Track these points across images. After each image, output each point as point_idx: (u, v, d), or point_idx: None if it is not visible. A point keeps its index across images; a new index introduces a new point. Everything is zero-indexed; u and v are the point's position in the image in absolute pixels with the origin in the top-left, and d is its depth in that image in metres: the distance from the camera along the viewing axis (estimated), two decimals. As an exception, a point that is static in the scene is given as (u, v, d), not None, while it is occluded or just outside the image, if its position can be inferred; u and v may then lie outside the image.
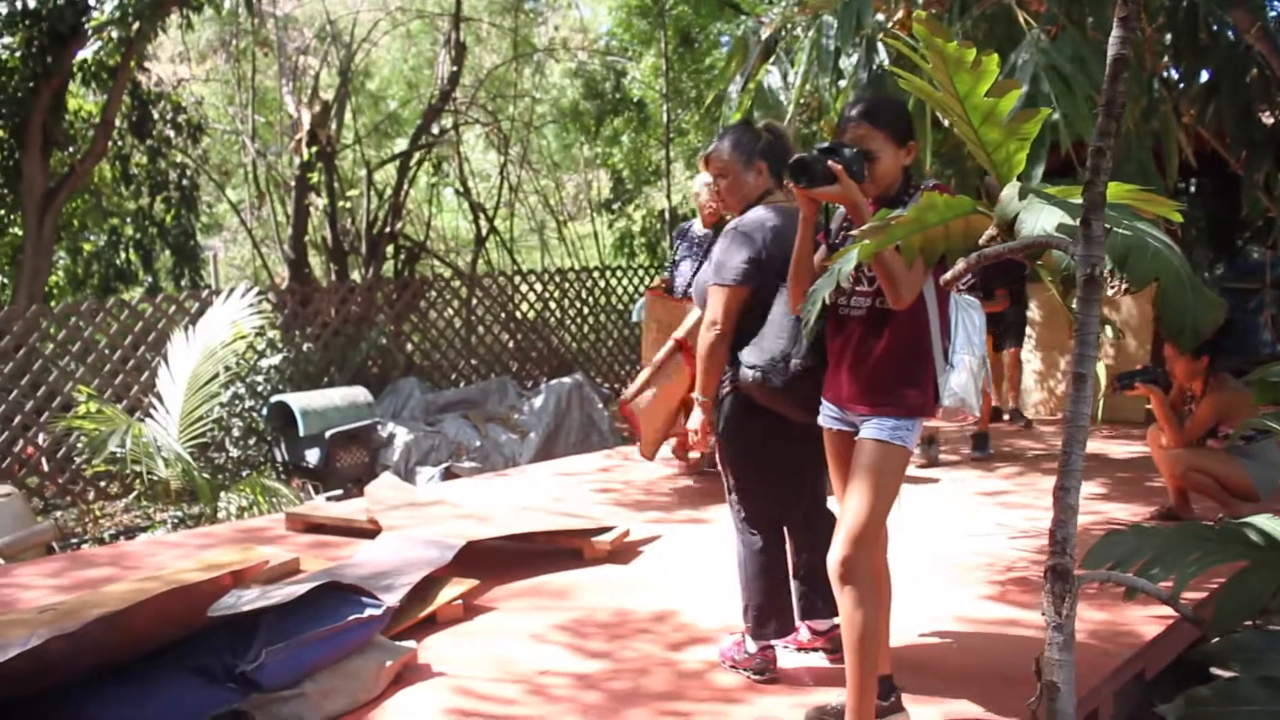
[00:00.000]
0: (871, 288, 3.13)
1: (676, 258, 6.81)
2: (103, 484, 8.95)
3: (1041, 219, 2.30)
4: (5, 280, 12.85)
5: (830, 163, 2.94)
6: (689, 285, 6.33)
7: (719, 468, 4.00)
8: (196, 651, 3.54)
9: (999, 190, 2.54)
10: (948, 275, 2.49)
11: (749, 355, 3.54)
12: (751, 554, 3.80)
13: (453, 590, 4.62)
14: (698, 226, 6.68)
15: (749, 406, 3.66)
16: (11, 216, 12.57)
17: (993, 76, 2.41)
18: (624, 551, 5.48)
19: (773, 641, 3.87)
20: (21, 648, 3.18)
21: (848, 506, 3.13)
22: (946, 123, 4.58)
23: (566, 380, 10.70)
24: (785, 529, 3.89)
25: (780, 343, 3.46)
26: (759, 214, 3.71)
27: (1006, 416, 9.01)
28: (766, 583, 3.80)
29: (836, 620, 3.92)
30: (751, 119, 4.52)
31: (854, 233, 2.74)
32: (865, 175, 3.03)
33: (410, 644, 4.03)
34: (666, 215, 16.28)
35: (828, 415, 3.35)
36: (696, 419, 3.84)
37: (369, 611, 3.86)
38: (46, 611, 4.42)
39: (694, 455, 7.15)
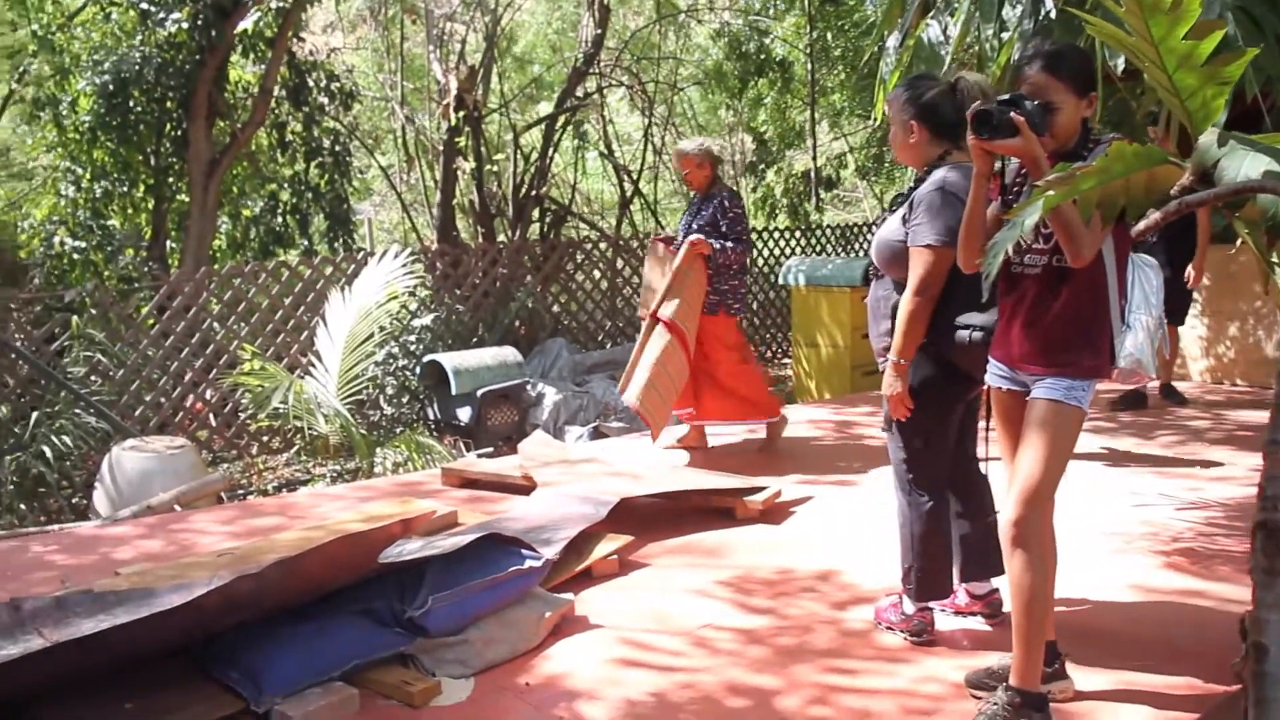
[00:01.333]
0: (1048, 245, 3.01)
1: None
2: (265, 439, 9.30)
3: (1246, 165, 2.17)
4: (173, 245, 13.39)
5: (1012, 115, 2.83)
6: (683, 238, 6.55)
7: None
8: (366, 597, 3.65)
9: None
10: (1140, 225, 2.38)
11: (971, 317, 3.45)
12: (918, 516, 3.73)
13: (608, 546, 4.66)
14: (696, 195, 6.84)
15: (938, 368, 3.58)
16: (179, 184, 13.09)
17: (1193, 18, 2.28)
18: (776, 511, 5.44)
19: (930, 604, 3.81)
20: (207, 586, 3.33)
21: (1020, 467, 3.04)
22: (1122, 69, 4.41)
23: (713, 342, 10.65)
24: (949, 491, 3.81)
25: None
26: (954, 176, 3.57)
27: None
28: (930, 545, 3.72)
29: (995, 584, 3.86)
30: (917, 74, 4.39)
31: (1037, 184, 2.62)
32: (1046, 128, 2.92)
33: (568, 596, 4.08)
34: (812, 176, 16.08)
35: (996, 374, 3.25)
36: (889, 384, 3.70)
37: (529, 563, 3.92)
38: (224, 555, 4.61)
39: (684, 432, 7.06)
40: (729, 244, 6.42)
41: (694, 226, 6.49)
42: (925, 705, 3.30)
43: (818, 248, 13.95)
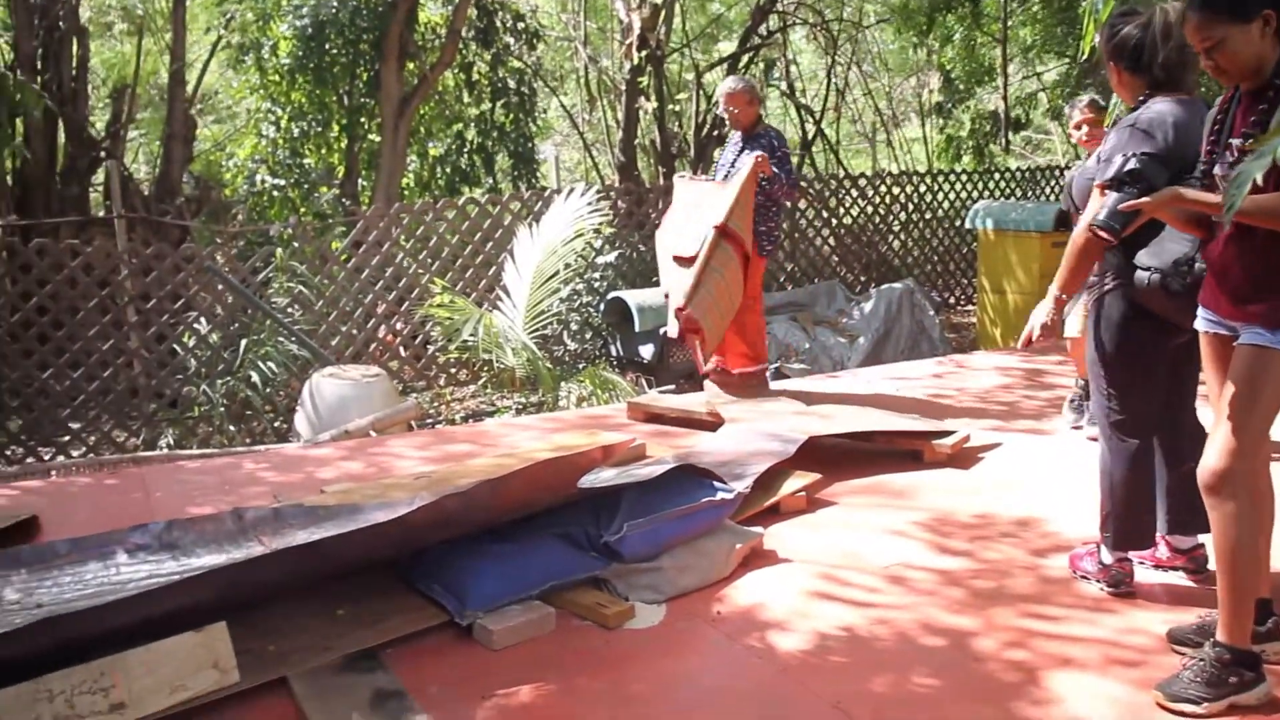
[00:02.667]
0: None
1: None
2: (453, 370, 9.58)
3: None
4: (364, 183, 13.83)
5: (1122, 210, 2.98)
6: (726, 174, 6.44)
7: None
8: (564, 521, 3.74)
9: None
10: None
11: (1146, 257, 3.30)
12: (1119, 460, 3.59)
13: (796, 482, 4.65)
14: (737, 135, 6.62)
15: (1134, 309, 3.44)
16: (370, 124, 13.49)
17: None
18: (964, 456, 5.33)
19: (1129, 555, 3.67)
20: (411, 505, 3.47)
21: (1222, 415, 2.88)
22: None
23: (897, 286, 10.46)
24: (1155, 439, 3.65)
25: (1183, 246, 3.21)
26: (1160, 107, 3.40)
27: None
28: (1130, 492, 3.58)
29: (1200, 540, 3.68)
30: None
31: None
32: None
33: (758, 530, 4.09)
34: (1001, 116, 15.52)
35: (1205, 319, 3.09)
36: (1044, 312, 3.58)
37: (720, 495, 3.95)
38: (421, 478, 4.80)
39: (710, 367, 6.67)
40: (783, 176, 6.25)
41: (739, 166, 6.29)
42: (1130, 656, 3.20)
43: (1005, 192, 13.49)
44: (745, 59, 14.67)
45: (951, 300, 13.25)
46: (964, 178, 13.42)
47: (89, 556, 3.69)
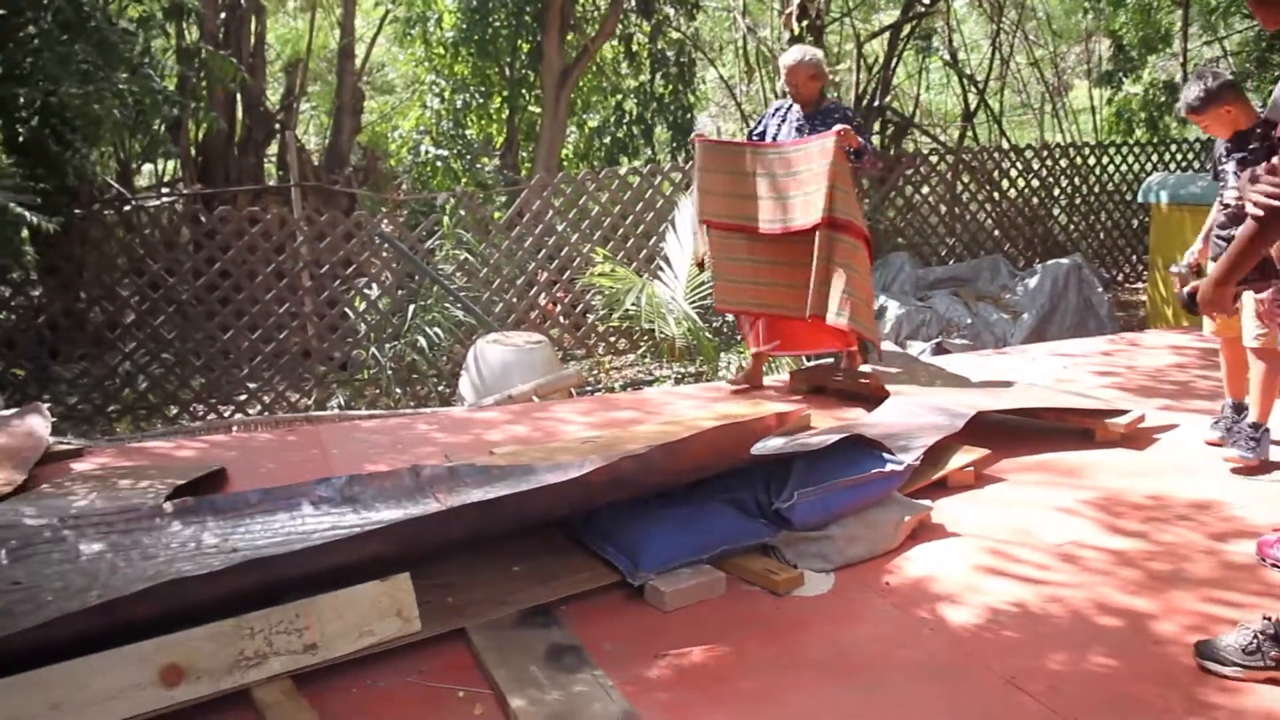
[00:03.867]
0: None
1: (765, 131, 6.15)
2: (612, 339, 9.68)
3: None
4: (524, 153, 14.06)
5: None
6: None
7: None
8: (735, 487, 3.76)
9: None
10: None
11: None
12: None
13: (964, 457, 4.57)
14: (797, 109, 6.02)
15: None
16: (530, 95, 13.69)
17: None
18: (1138, 437, 5.15)
19: (1326, 545, 3.52)
20: (581, 468, 3.53)
21: None
22: None
23: (1064, 261, 10.14)
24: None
25: None
26: None
27: None
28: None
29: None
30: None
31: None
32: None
33: (926, 503, 4.04)
34: (1179, 81, 14.82)
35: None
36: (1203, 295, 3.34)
37: (890, 467, 3.91)
38: (587, 443, 4.88)
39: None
40: (869, 147, 5.88)
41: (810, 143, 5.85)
42: (1324, 647, 3.07)
43: (1181, 164, 12.92)
44: (907, 28, 14.35)
45: (1119, 277, 12.79)
46: (1135, 149, 12.90)
47: (277, 507, 3.87)
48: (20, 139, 5.36)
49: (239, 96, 13.08)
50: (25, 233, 6.67)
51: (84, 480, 4.60)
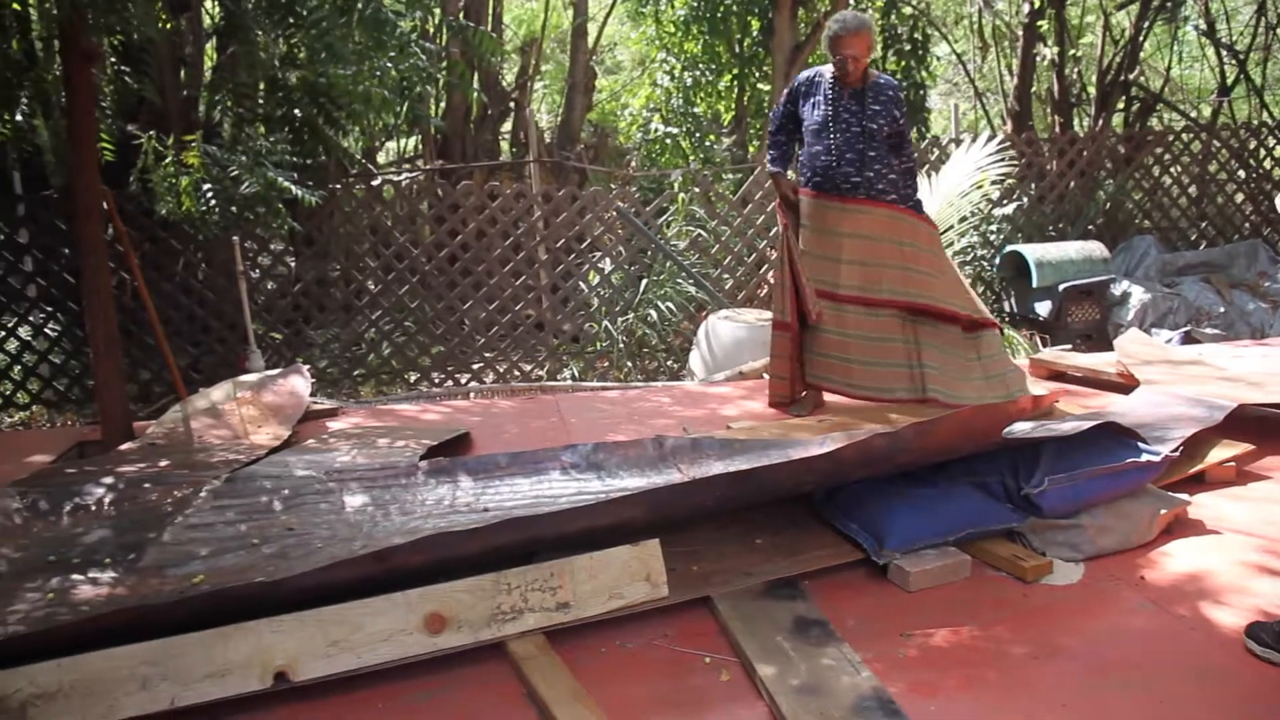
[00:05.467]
0: None
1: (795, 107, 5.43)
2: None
3: None
4: (752, 131, 14.03)
5: None
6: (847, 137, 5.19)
7: None
8: (981, 470, 3.68)
9: None
10: None
11: None
12: None
13: (1223, 452, 4.34)
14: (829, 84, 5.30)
15: None
16: (759, 73, 13.63)
17: None
18: None
19: None
20: (831, 445, 3.52)
21: None
22: None
23: (1332, 247, 9.46)
24: None
25: None
26: None
27: None
28: None
29: None
30: None
31: None
32: None
33: (1183, 497, 3.86)
34: None
35: None
36: None
37: (1146, 457, 3.75)
38: (824, 421, 4.86)
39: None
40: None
41: (875, 126, 5.15)
42: None
43: None
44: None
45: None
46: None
47: (526, 470, 4.02)
48: (291, 119, 5.72)
49: (476, 75, 13.51)
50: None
51: (345, 437, 4.89)
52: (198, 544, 3.54)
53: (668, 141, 13.17)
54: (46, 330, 8.71)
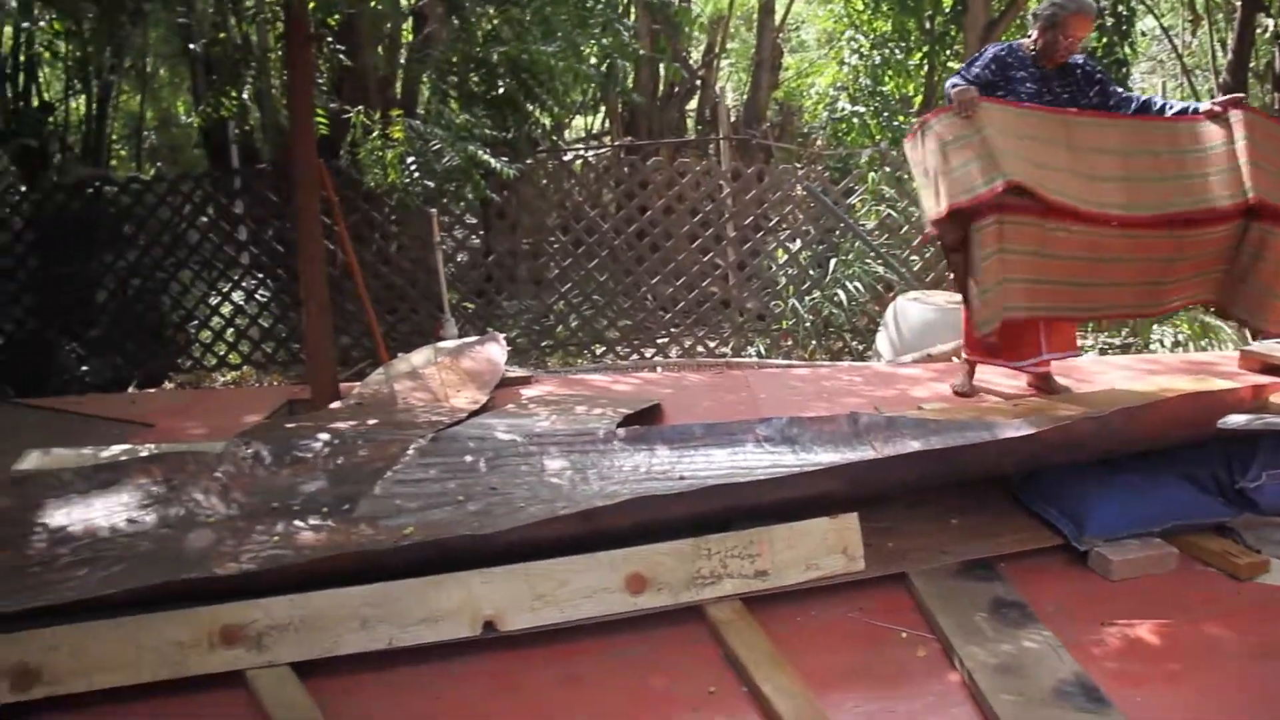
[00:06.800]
0: None
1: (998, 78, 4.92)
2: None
3: None
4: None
5: None
6: None
7: None
8: (1189, 461, 3.55)
9: None
10: None
11: None
12: None
13: None
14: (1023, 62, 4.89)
15: None
16: (950, 51, 13.32)
17: None
18: None
19: None
20: (1025, 429, 3.46)
21: None
22: None
23: None
24: None
25: None
26: None
27: None
28: None
29: None
30: None
31: None
32: None
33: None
34: None
35: None
36: None
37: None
38: (1018, 405, 4.77)
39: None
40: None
41: (1109, 99, 4.89)
42: None
43: None
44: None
45: None
46: None
47: (721, 442, 4.08)
48: (494, 95, 5.90)
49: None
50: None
51: (544, 403, 5.04)
52: (407, 498, 3.72)
53: (854, 121, 13.00)
54: (257, 296, 9.21)
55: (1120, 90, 5.02)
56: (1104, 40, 13.27)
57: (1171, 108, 5.00)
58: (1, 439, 5.52)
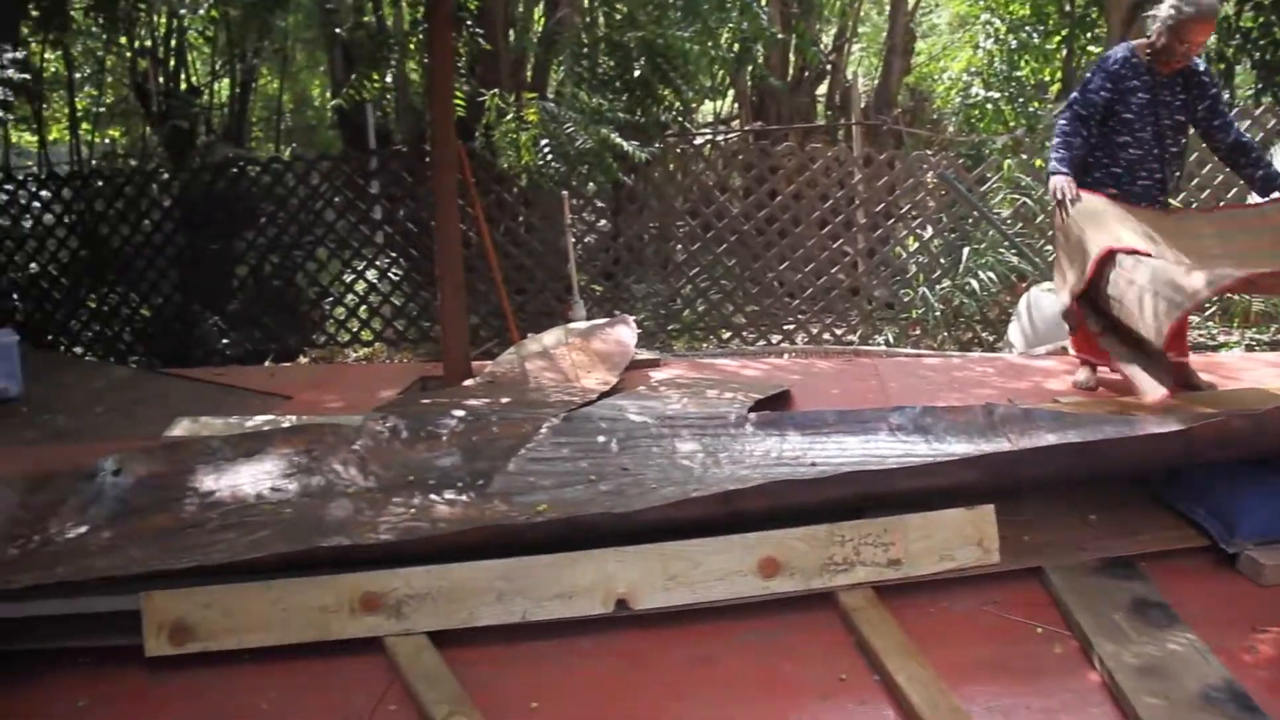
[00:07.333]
0: None
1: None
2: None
3: None
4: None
5: None
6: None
7: None
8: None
9: None
10: None
11: None
12: None
13: None
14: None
15: None
16: (1089, 35, 12.95)
17: None
18: None
19: None
20: (1177, 425, 3.35)
21: None
22: None
23: None
24: None
25: None
26: None
27: None
28: None
29: None
30: None
31: None
32: None
33: None
34: None
35: None
36: None
37: None
38: (1165, 402, 4.62)
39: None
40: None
41: (1183, 118, 4.81)
42: None
43: None
44: None
45: None
46: None
47: (853, 429, 4.06)
48: (628, 79, 5.93)
49: (792, 39, 13.49)
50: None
51: (675, 386, 5.07)
52: (540, 475, 3.79)
53: (988, 107, 12.72)
54: (390, 274, 9.43)
55: (1226, 112, 4.86)
56: (1259, 20, 12.75)
57: (1263, 167, 4.80)
58: (151, 407, 5.79)
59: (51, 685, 2.81)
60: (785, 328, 9.01)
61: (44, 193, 9.71)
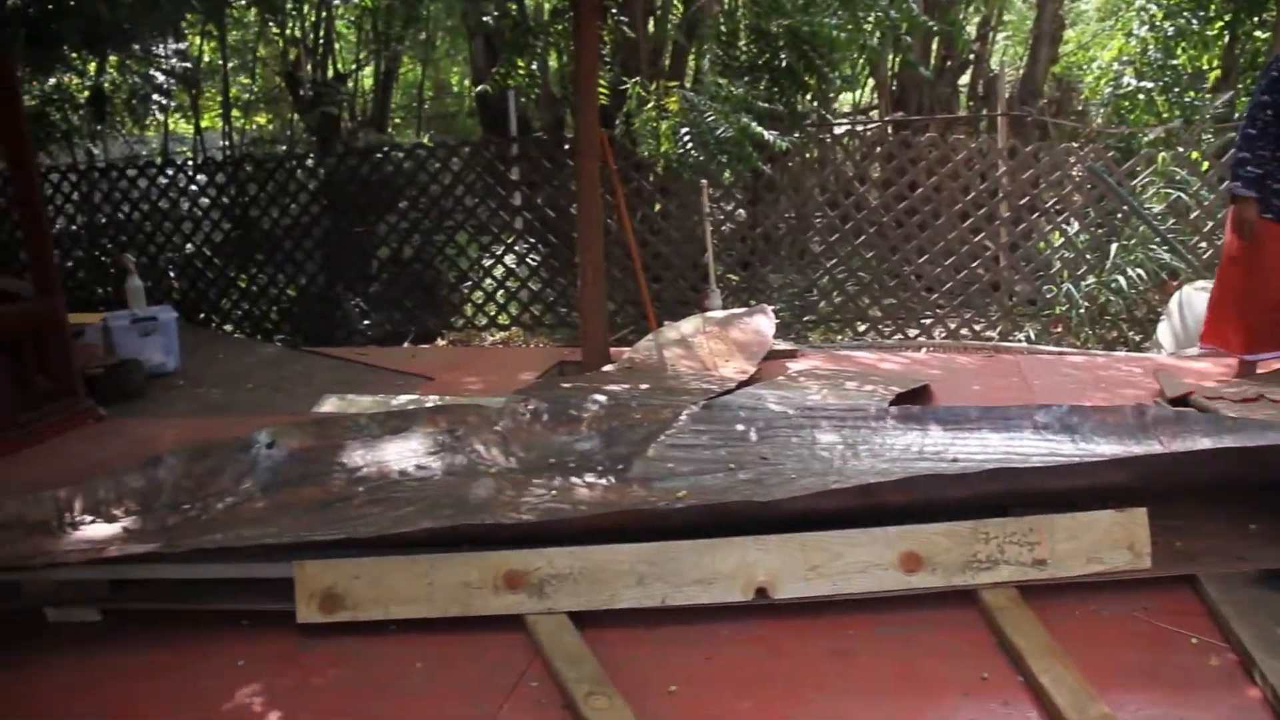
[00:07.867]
0: None
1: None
2: None
3: None
4: (1243, 85, 12.81)
5: None
6: None
7: None
8: None
9: None
10: None
11: None
12: None
13: None
14: None
15: None
16: (1256, 19, 12.43)
17: None
18: None
19: None
20: None
21: None
22: None
23: None
24: None
25: None
26: None
27: None
28: None
29: None
30: None
31: None
32: None
33: None
34: None
35: None
36: None
37: None
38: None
39: None
40: None
41: None
42: None
43: None
44: None
45: None
46: None
47: (996, 426, 3.99)
48: (773, 67, 5.91)
49: (936, 26, 13.23)
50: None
51: (814, 377, 5.05)
52: (680, 462, 3.82)
53: (1139, 97, 12.29)
54: (528, 260, 9.57)
55: None
56: None
57: None
58: (297, 383, 6.00)
59: (216, 644, 2.95)
60: (923, 322, 8.87)
61: (200, 177, 10.11)
